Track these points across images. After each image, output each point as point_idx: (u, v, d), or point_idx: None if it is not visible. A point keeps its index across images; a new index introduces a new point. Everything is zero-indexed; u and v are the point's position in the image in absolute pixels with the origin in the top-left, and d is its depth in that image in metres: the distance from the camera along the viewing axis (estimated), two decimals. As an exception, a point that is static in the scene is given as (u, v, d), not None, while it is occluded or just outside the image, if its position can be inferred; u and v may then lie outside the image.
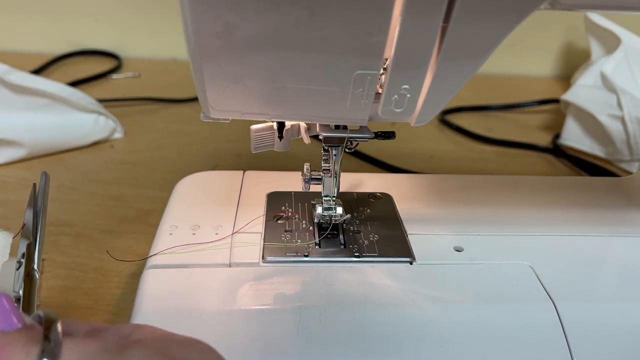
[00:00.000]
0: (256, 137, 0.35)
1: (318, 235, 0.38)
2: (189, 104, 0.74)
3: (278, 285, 0.33)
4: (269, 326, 0.31)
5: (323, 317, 0.31)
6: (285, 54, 0.25)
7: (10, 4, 0.85)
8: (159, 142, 0.63)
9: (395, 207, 0.42)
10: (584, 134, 0.67)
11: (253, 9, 0.23)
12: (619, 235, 0.41)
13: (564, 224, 0.41)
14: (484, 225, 0.40)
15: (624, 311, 0.34)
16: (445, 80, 0.28)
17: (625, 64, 0.70)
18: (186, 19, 0.23)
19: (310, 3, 0.23)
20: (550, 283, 0.35)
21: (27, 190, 0.31)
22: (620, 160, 0.63)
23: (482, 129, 0.71)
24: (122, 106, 0.71)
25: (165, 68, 0.87)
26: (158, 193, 0.52)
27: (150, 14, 0.88)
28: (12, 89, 0.55)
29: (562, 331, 0.32)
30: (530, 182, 0.48)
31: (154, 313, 0.31)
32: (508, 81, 0.91)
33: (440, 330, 0.31)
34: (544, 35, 0.93)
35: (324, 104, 0.28)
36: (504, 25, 0.25)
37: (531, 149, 0.67)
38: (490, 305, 0.33)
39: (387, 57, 0.26)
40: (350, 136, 0.33)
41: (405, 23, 0.24)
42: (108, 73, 0.81)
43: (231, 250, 0.36)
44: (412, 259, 0.36)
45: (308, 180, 0.37)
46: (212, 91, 0.27)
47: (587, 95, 0.67)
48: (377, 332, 0.31)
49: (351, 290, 0.33)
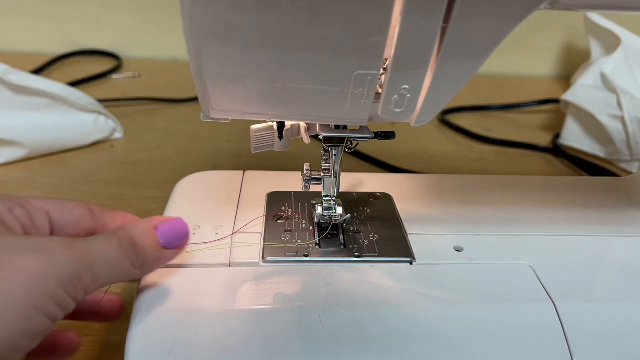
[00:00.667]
0: (256, 137, 0.35)
1: (318, 235, 0.38)
2: (189, 104, 0.74)
3: (278, 285, 0.33)
4: (269, 326, 0.31)
5: (323, 317, 0.31)
6: (285, 54, 0.25)
7: (10, 4, 0.85)
8: (159, 142, 0.63)
9: (395, 207, 0.42)
10: (584, 134, 0.67)
11: (253, 9, 0.23)
12: (619, 235, 0.41)
13: (564, 224, 0.41)
14: (484, 225, 0.40)
15: (624, 311, 0.34)
16: (445, 80, 0.28)
17: (625, 64, 0.70)
18: (186, 19, 0.23)
19: (310, 3, 0.23)
20: (550, 283, 0.35)
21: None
22: (620, 160, 0.64)
23: (482, 129, 0.72)
24: (122, 106, 0.71)
25: (165, 68, 0.87)
26: (158, 193, 0.51)
27: (151, 14, 0.88)
28: (12, 89, 0.55)
29: (562, 331, 0.32)
30: (530, 182, 0.48)
31: (154, 313, 0.31)
32: (508, 81, 0.91)
33: (440, 330, 0.31)
34: (544, 35, 0.93)
35: (324, 104, 0.28)
36: (504, 25, 0.25)
37: (531, 149, 0.67)
38: (490, 305, 0.33)
39: (387, 57, 0.26)
40: (350, 136, 0.33)
41: (405, 23, 0.24)
42: (108, 73, 0.81)
43: (231, 250, 0.36)
44: (412, 259, 0.36)
45: (308, 180, 0.37)
46: (212, 91, 0.27)
47: (587, 95, 0.67)
48: (377, 332, 0.31)
49: (351, 290, 0.33)
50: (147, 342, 0.29)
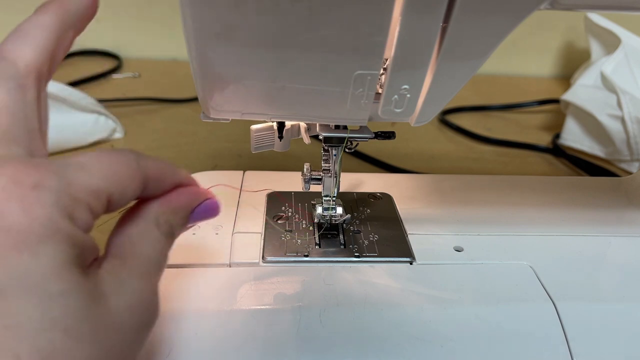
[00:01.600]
0: (256, 137, 0.35)
1: (318, 236, 0.38)
2: (189, 104, 0.74)
3: (278, 285, 0.33)
4: (269, 326, 0.31)
5: (323, 317, 0.31)
6: (285, 54, 0.25)
7: (10, 4, 0.85)
8: (159, 142, 0.63)
9: (395, 207, 0.42)
10: (584, 134, 0.67)
11: (253, 9, 0.23)
12: (619, 235, 0.41)
13: (563, 224, 0.41)
14: (484, 225, 0.40)
15: (624, 311, 0.34)
16: (445, 80, 0.28)
17: (625, 64, 0.70)
18: (186, 19, 0.23)
19: (310, 3, 0.23)
20: (550, 283, 0.35)
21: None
22: (620, 160, 0.64)
23: (482, 129, 0.72)
24: (122, 106, 0.71)
25: (165, 68, 0.87)
26: (158, 193, 0.51)
27: (151, 14, 0.88)
28: (12, 89, 0.55)
29: (562, 331, 0.32)
30: (530, 182, 0.48)
31: (154, 313, 0.31)
32: (508, 81, 0.91)
33: (440, 330, 0.31)
34: (544, 35, 0.93)
35: (324, 104, 0.28)
36: (503, 26, 0.25)
37: (531, 149, 0.67)
38: (490, 305, 0.33)
39: (387, 57, 0.26)
40: (350, 136, 0.33)
41: (405, 23, 0.24)
42: (108, 73, 0.81)
43: (231, 250, 0.36)
44: (412, 259, 0.36)
45: (308, 180, 0.37)
46: (212, 91, 0.27)
47: (587, 95, 0.67)
48: (377, 332, 0.31)
49: (351, 290, 0.33)
50: (147, 342, 0.29)
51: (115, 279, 0.21)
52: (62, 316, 0.18)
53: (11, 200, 0.18)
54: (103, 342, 0.19)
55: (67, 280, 0.18)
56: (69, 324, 0.18)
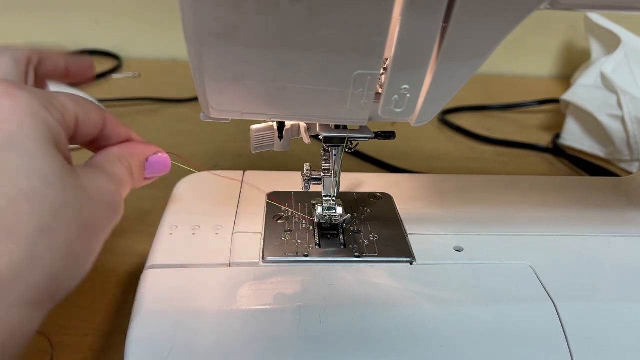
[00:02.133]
0: (256, 137, 0.35)
1: (318, 235, 0.38)
2: (189, 104, 0.74)
3: (278, 285, 0.33)
4: (269, 326, 0.31)
5: (323, 317, 0.31)
6: (285, 54, 0.25)
7: (10, 4, 0.85)
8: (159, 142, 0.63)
9: (395, 207, 0.42)
10: (584, 133, 0.67)
11: (253, 8, 0.23)
12: (619, 235, 0.41)
13: (563, 224, 0.41)
14: (484, 225, 0.40)
15: (624, 311, 0.34)
16: (445, 80, 0.28)
17: (625, 64, 0.70)
18: (186, 19, 0.23)
19: (310, 3, 0.23)
20: (550, 283, 0.35)
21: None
22: (620, 160, 0.64)
23: (482, 129, 0.72)
24: (122, 106, 0.71)
25: (165, 68, 0.87)
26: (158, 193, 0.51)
27: (151, 14, 0.88)
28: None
29: (562, 331, 0.32)
30: (530, 182, 0.48)
31: (154, 313, 0.31)
32: (508, 81, 0.91)
33: (440, 330, 0.31)
34: (544, 35, 0.93)
35: (324, 104, 0.28)
36: (504, 26, 0.25)
37: (531, 149, 0.67)
38: (490, 305, 0.33)
39: (387, 57, 0.26)
40: (350, 136, 0.33)
41: (405, 23, 0.24)
42: (108, 73, 0.81)
43: (231, 250, 0.36)
44: (412, 259, 0.36)
45: (308, 180, 0.37)
46: (212, 91, 0.27)
47: (587, 95, 0.67)
48: (377, 332, 0.31)
49: (351, 290, 0.33)
50: (147, 342, 0.29)
51: (86, 171, 0.26)
52: (40, 168, 0.23)
53: (2, 97, 0.24)
54: (75, 198, 0.24)
55: (44, 147, 0.23)
56: (46, 173, 0.23)
